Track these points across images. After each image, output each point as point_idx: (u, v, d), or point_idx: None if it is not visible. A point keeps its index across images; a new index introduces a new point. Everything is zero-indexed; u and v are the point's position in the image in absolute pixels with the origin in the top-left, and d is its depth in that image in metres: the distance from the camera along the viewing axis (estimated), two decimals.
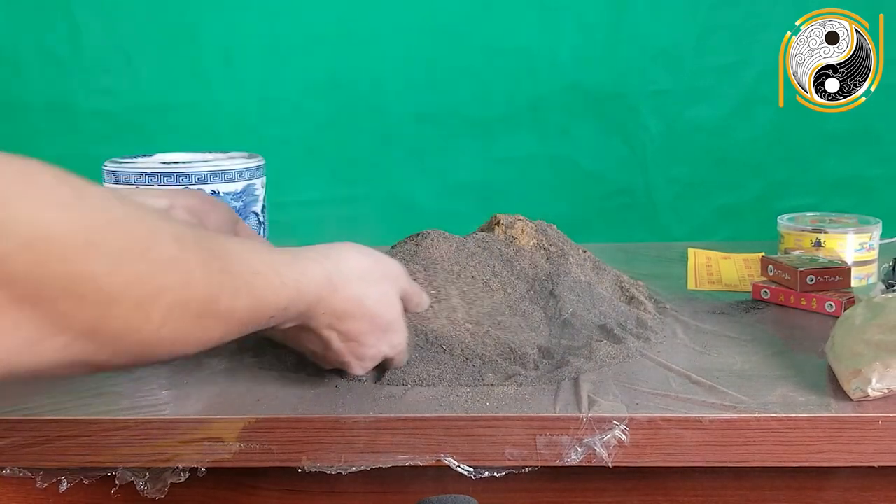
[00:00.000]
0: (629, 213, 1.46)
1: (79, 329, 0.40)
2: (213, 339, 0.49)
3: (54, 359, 0.40)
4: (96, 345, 0.41)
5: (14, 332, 0.38)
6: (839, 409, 0.60)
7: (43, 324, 0.39)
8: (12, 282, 0.37)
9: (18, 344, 0.38)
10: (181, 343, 0.47)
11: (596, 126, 1.44)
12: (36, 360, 0.40)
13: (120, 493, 0.66)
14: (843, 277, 0.86)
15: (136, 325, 0.42)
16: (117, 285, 0.41)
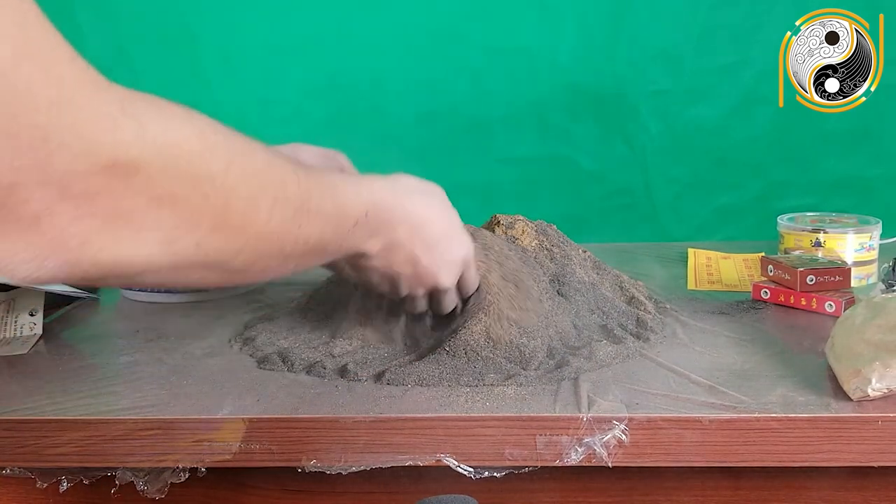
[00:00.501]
0: (629, 213, 1.46)
1: (207, 225, 0.46)
2: (310, 240, 0.55)
3: (191, 256, 0.46)
4: (222, 240, 0.48)
5: (156, 230, 0.43)
6: (839, 409, 0.60)
7: (179, 222, 0.44)
8: (151, 184, 0.41)
9: (160, 241, 0.44)
10: (287, 239, 0.53)
11: (596, 126, 1.44)
12: (176, 258, 0.45)
13: (120, 493, 0.66)
14: (843, 277, 0.86)
15: (250, 217, 0.49)
16: (231, 181, 0.47)
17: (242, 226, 0.49)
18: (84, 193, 0.39)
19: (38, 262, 0.39)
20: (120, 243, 0.42)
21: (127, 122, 0.40)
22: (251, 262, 0.51)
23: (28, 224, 0.38)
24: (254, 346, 0.76)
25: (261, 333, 0.79)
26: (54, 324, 0.88)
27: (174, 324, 0.87)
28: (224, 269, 0.50)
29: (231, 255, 0.49)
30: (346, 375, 0.69)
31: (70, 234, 0.39)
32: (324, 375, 0.69)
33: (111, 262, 0.42)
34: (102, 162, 0.39)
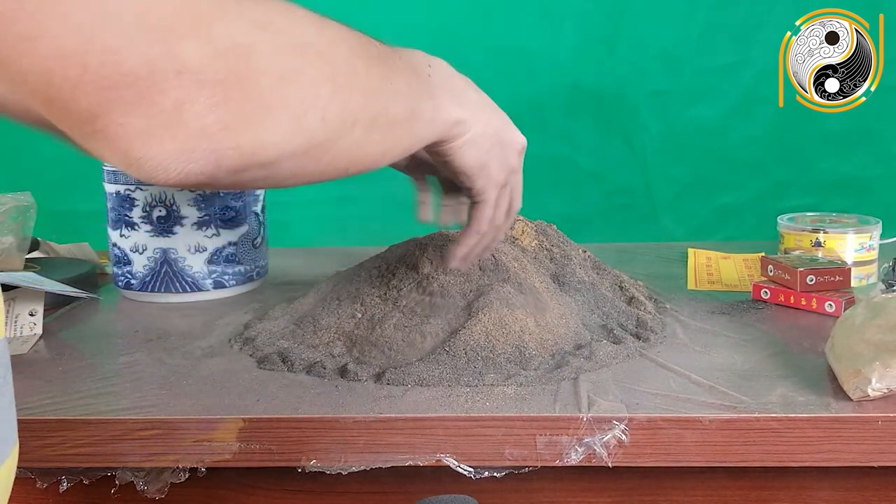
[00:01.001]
0: (629, 213, 1.46)
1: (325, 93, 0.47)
2: (401, 90, 0.56)
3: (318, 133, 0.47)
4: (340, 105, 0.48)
5: (284, 107, 0.44)
6: (839, 409, 0.60)
7: (302, 95, 0.45)
8: (267, 62, 0.42)
9: (290, 118, 0.44)
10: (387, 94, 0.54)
11: (596, 126, 1.44)
12: (306, 136, 0.46)
13: (120, 493, 0.66)
14: (843, 277, 0.86)
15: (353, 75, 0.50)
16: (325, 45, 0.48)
17: (350, 85, 0.49)
18: (214, 79, 0.39)
19: (187, 155, 0.40)
20: (256, 125, 0.42)
21: (232, 7, 0.41)
22: (368, 129, 0.52)
23: (171, 116, 0.38)
24: (254, 346, 0.76)
25: (261, 333, 0.79)
26: (54, 324, 0.88)
27: (174, 324, 0.87)
28: (349, 144, 0.50)
29: (351, 122, 0.49)
30: (346, 375, 0.69)
31: (210, 121, 0.40)
32: (324, 375, 0.69)
33: (252, 147, 0.42)
34: (223, 46, 0.40)
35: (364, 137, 0.52)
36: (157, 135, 0.39)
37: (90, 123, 0.38)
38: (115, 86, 0.37)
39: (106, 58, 0.36)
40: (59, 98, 0.37)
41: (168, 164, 0.40)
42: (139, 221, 0.93)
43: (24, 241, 0.99)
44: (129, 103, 0.37)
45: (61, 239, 1.15)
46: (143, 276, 0.94)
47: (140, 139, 0.38)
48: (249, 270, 0.98)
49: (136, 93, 0.37)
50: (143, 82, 0.37)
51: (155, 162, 0.39)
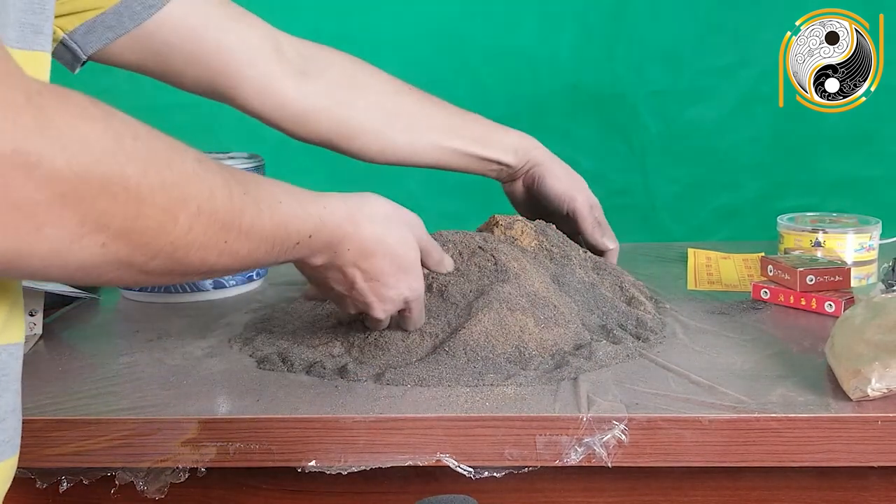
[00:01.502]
0: (629, 213, 1.45)
1: (115, 228, 0.44)
2: (239, 253, 0.53)
3: (96, 257, 0.44)
4: (131, 245, 0.45)
5: (59, 227, 0.41)
6: (839, 409, 0.60)
7: (84, 221, 0.42)
8: (54, 180, 0.40)
9: (62, 239, 0.42)
10: (211, 251, 0.50)
11: (596, 126, 1.44)
12: (79, 257, 0.43)
13: (120, 493, 0.66)
14: (842, 277, 0.86)
15: (165, 227, 0.46)
16: (146, 188, 0.45)
17: (156, 234, 0.46)
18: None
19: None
20: (18, 235, 0.40)
21: (31, 111, 0.39)
22: (168, 268, 0.49)
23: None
24: (254, 347, 0.76)
25: (261, 333, 0.79)
26: (54, 324, 0.88)
27: (174, 324, 0.87)
28: (140, 271, 0.48)
29: (144, 259, 0.47)
30: (346, 375, 0.69)
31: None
32: (324, 375, 0.69)
33: (9, 255, 0.41)
34: (2, 150, 0.38)
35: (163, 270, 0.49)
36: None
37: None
38: None
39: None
40: None
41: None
42: None
43: None
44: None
45: None
46: None
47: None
48: (249, 270, 0.98)
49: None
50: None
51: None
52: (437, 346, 0.70)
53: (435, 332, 0.72)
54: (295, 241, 0.58)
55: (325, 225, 0.61)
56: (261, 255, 0.55)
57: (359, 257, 0.64)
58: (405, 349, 0.71)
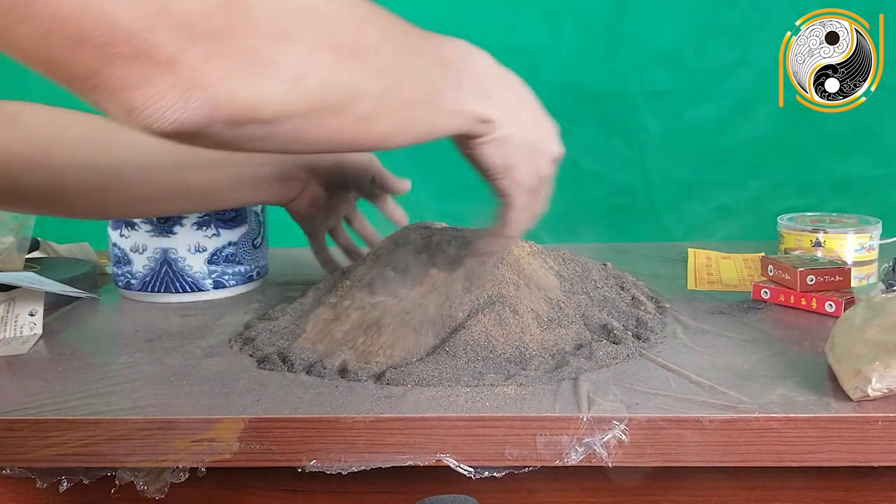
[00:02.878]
0: (629, 213, 1.45)
1: (326, 60, 0.47)
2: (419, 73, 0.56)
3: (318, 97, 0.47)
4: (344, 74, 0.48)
5: (281, 67, 0.44)
6: (839, 409, 0.60)
7: (300, 58, 0.45)
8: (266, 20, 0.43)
9: (288, 80, 0.45)
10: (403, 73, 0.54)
11: (596, 126, 1.44)
12: (305, 98, 0.46)
13: (120, 493, 0.66)
14: (843, 277, 0.86)
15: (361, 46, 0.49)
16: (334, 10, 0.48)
17: (357, 56, 0.49)
18: (207, 32, 0.40)
19: (182, 104, 0.41)
20: (252, 81, 0.43)
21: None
22: (377, 104, 0.52)
23: (165, 66, 0.40)
24: (254, 346, 0.76)
25: (261, 333, 0.79)
26: (54, 324, 0.88)
27: (174, 324, 0.87)
28: (355, 114, 0.50)
29: (356, 94, 0.50)
30: (346, 376, 0.69)
31: (204, 72, 0.41)
32: (324, 375, 0.69)
33: (246, 101, 0.43)
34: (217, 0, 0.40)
35: (372, 113, 0.52)
36: (153, 84, 0.40)
37: (90, 79, 0.40)
38: (111, 42, 0.38)
39: (101, 16, 0.38)
40: (59, 58, 0.39)
41: (164, 113, 0.41)
42: (139, 221, 0.93)
43: (24, 241, 0.99)
44: (126, 57, 0.39)
45: (61, 239, 1.15)
46: (143, 276, 0.94)
47: (137, 90, 0.40)
48: (249, 270, 0.98)
49: (131, 47, 0.39)
50: (138, 37, 0.39)
51: (151, 111, 0.41)
52: (437, 346, 0.70)
53: (435, 332, 0.72)
54: (455, 65, 0.59)
55: (467, 49, 0.61)
56: (437, 79, 0.57)
57: (519, 93, 0.65)
58: (405, 349, 0.71)
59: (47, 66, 0.39)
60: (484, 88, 0.61)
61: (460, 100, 0.60)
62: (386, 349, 0.71)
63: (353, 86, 0.49)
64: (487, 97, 0.61)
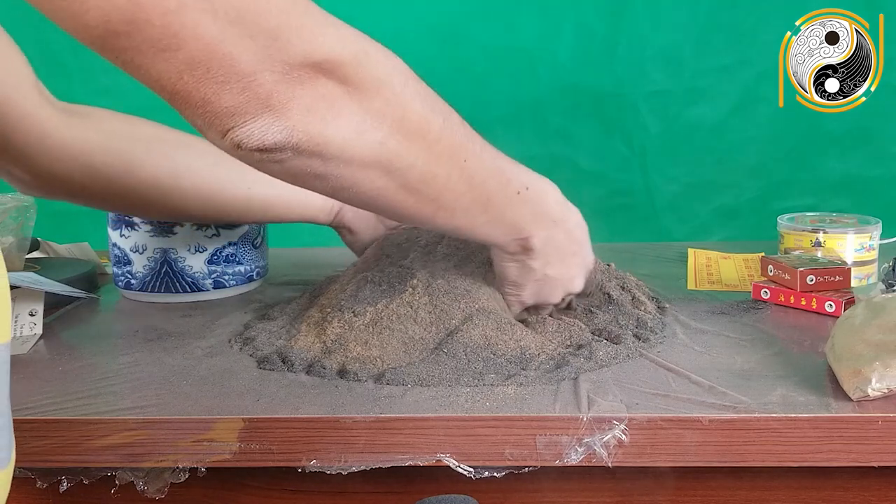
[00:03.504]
0: (629, 213, 1.46)
1: (388, 126, 0.55)
2: (475, 176, 0.62)
3: (375, 152, 0.55)
4: (401, 143, 0.56)
5: (349, 117, 0.53)
6: (839, 409, 0.60)
7: (366, 116, 0.54)
8: (346, 79, 0.52)
9: (352, 129, 0.53)
10: (455, 166, 0.61)
11: (596, 126, 1.44)
12: (364, 150, 0.55)
13: (120, 493, 0.66)
14: (843, 277, 0.86)
15: (423, 129, 0.58)
16: (408, 95, 0.57)
17: (415, 137, 0.57)
18: (299, 79, 0.50)
19: (267, 127, 0.50)
20: (324, 121, 0.52)
21: (332, 29, 0.52)
22: (424, 179, 0.59)
23: (263, 100, 0.50)
24: (254, 346, 0.76)
25: (261, 333, 0.79)
26: (54, 324, 0.88)
27: (174, 324, 0.87)
28: (402, 181, 0.58)
29: (408, 163, 0.57)
30: (346, 376, 0.69)
31: (289, 107, 0.50)
32: (324, 375, 0.69)
33: (317, 137, 0.52)
34: (316, 58, 0.50)
35: (417, 187, 0.59)
36: (251, 112, 0.50)
37: (202, 106, 0.49)
38: (228, 81, 0.48)
39: (226, 60, 0.48)
40: (184, 90, 0.48)
41: (252, 133, 0.50)
42: (139, 221, 0.93)
43: (24, 241, 0.99)
44: (236, 92, 0.49)
45: (61, 239, 1.15)
46: (143, 276, 0.94)
47: (238, 116, 0.50)
48: (249, 270, 0.98)
49: (242, 85, 0.49)
50: (248, 78, 0.49)
51: (244, 131, 0.50)
52: (438, 346, 0.70)
53: (435, 332, 0.71)
54: (515, 188, 0.66)
55: (534, 184, 0.68)
56: (491, 188, 0.64)
57: (569, 230, 0.72)
58: (405, 349, 0.71)
59: (171, 95, 0.49)
60: (537, 220, 0.69)
61: (508, 218, 0.67)
62: (375, 358, 0.70)
63: (405, 156, 0.57)
64: (536, 228, 0.69)
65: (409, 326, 0.71)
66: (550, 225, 0.70)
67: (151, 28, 0.45)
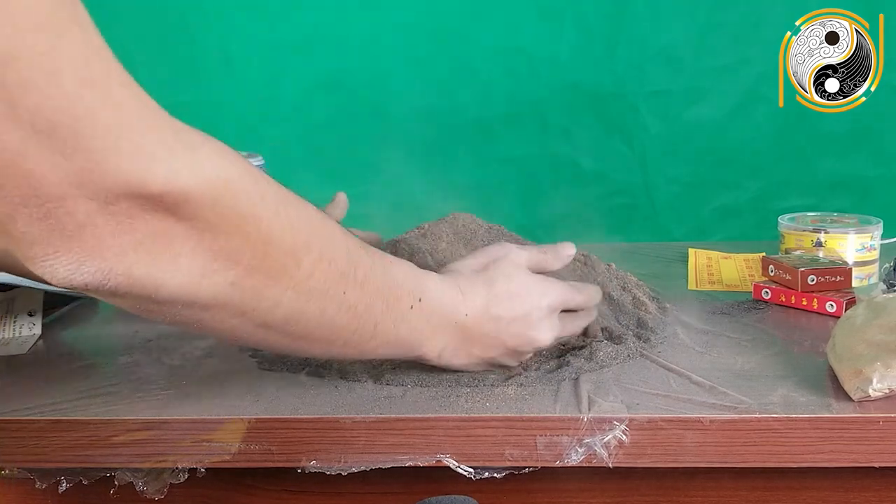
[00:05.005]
0: (629, 213, 1.46)
1: (244, 266, 0.47)
2: (357, 306, 0.54)
3: (222, 295, 0.47)
4: (258, 284, 0.48)
5: (193, 258, 0.44)
6: (840, 410, 0.60)
7: (217, 256, 0.45)
8: (195, 215, 0.43)
9: (195, 271, 0.45)
10: (330, 302, 0.52)
11: (596, 126, 1.44)
12: (208, 293, 0.46)
13: (119, 493, 0.66)
14: (843, 277, 0.86)
15: (289, 269, 0.49)
16: (276, 229, 0.48)
17: (280, 275, 0.49)
18: (128, 212, 0.41)
19: (76, 266, 0.41)
20: (156, 263, 0.43)
21: (182, 153, 0.42)
22: (291, 318, 0.51)
23: (71, 233, 0.40)
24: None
25: None
26: (54, 324, 0.88)
27: None
28: (261, 322, 0.50)
29: (268, 305, 0.49)
30: (346, 376, 0.69)
31: (108, 245, 0.41)
32: (323, 375, 0.69)
33: (143, 280, 0.43)
34: (154, 189, 0.41)
35: (283, 325, 0.52)
36: (54, 245, 0.41)
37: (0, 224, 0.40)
38: (25, 203, 0.39)
39: (24, 180, 0.38)
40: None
41: (56, 270, 0.41)
42: None
43: None
44: (35, 219, 0.39)
45: None
46: None
47: (39, 246, 0.40)
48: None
49: (43, 211, 0.39)
50: (53, 204, 0.39)
51: (46, 266, 0.41)
52: None
53: None
54: (407, 303, 0.58)
55: (430, 291, 0.60)
56: (377, 314, 0.56)
57: (481, 319, 0.63)
58: None
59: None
60: (436, 330, 0.62)
61: (402, 337, 0.60)
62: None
63: (265, 296, 0.49)
64: (434, 339, 0.62)
65: None
66: (454, 329, 0.62)
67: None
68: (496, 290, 0.64)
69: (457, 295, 0.62)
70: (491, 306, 0.63)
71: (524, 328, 0.65)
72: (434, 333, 0.62)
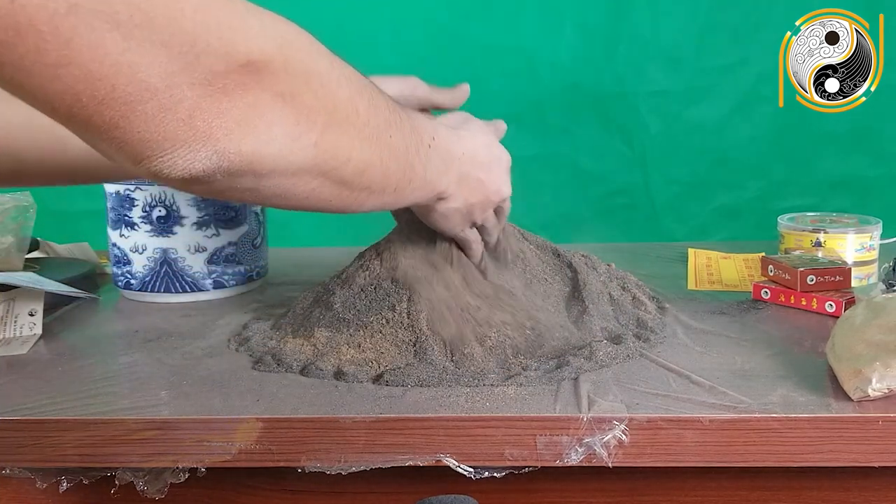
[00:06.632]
0: (629, 213, 1.46)
1: (321, 123, 0.49)
2: (398, 147, 0.58)
3: (311, 157, 0.50)
4: (334, 139, 0.51)
5: (282, 125, 0.46)
6: (839, 410, 0.60)
7: (299, 118, 0.48)
8: (274, 80, 0.45)
9: (286, 137, 0.47)
10: (383, 145, 0.56)
11: (596, 126, 1.44)
12: (300, 154, 0.49)
13: (120, 493, 0.66)
14: (843, 277, 0.86)
15: (352, 117, 0.52)
16: (334, 81, 0.51)
17: (347, 126, 0.52)
18: (224, 90, 0.43)
19: (193, 154, 0.43)
20: (257, 135, 0.45)
21: (254, 22, 0.44)
22: (360, 170, 0.54)
23: (184, 122, 0.42)
24: (253, 347, 0.76)
25: (256, 334, 0.79)
26: (54, 324, 0.88)
27: (174, 324, 0.87)
28: (339, 179, 0.53)
29: (343, 159, 0.52)
30: (343, 377, 0.68)
31: (216, 126, 0.43)
32: (323, 376, 0.69)
33: (251, 155, 0.45)
34: (241, 60, 0.43)
35: (353, 179, 0.55)
36: (170, 139, 0.42)
37: (109, 132, 0.41)
38: (137, 101, 0.40)
39: (132, 76, 0.39)
40: (83, 114, 0.40)
41: (175, 163, 0.43)
42: (139, 221, 0.93)
43: (24, 241, 0.99)
44: (149, 114, 0.41)
45: (61, 239, 1.15)
46: (143, 276, 0.94)
47: (155, 143, 0.42)
48: (249, 270, 0.98)
49: (155, 105, 0.41)
50: (162, 94, 0.41)
51: (163, 162, 0.43)
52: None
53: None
54: (427, 143, 0.63)
55: (438, 132, 0.65)
56: (412, 153, 0.60)
57: (472, 157, 0.69)
58: (399, 352, 0.71)
59: (68, 120, 0.41)
60: (448, 167, 0.67)
61: (428, 178, 0.64)
62: (371, 361, 0.70)
63: (342, 150, 0.52)
64: (448, 175, 0.67)
65: (399, 331, 0.71)
66: (457, 165, 0.68)
67: (37, 35, 0.36)
68: (476, 141, 0.71)
69: (453, 135, 0.68)
70: (477, 153, 0.70)
71: (499, 174, 0.73)
72: (447, 170, 0.66)
